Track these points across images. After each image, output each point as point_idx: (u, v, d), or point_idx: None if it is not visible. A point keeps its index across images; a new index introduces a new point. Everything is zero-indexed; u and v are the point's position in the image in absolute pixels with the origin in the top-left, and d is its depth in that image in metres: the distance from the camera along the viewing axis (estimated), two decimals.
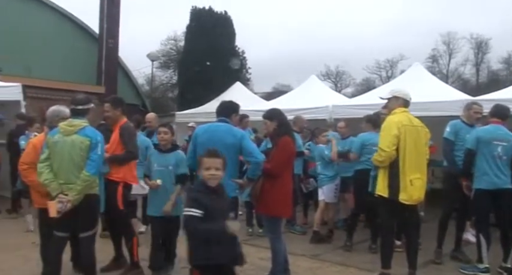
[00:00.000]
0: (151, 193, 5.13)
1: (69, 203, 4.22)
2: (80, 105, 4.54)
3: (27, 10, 18.60)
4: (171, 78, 31.85)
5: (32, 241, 6.03)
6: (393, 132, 4.74)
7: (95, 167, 4.36)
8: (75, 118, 4.50)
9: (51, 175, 4.35)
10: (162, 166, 5.00)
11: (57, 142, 4.40)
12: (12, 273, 5.33)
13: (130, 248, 5.12)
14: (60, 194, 4.26)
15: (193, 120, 12.91)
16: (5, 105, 9.35)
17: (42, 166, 4.40)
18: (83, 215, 4.39)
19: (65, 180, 4.33)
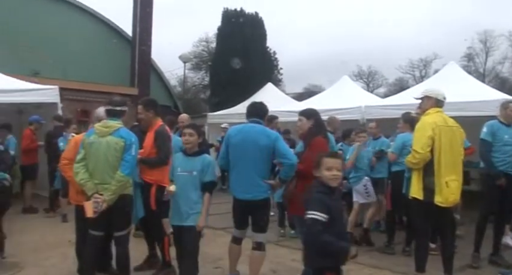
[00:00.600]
0: (171, 200, 4.62)
1: (105, 203, 4.31)
2: (118, 107, 4.62)
3: (64, 15, 19.05)
4: (203, 80, 32.12)
5: (69, 239, 6.17)
6: (428, 134, 4.64)
7: (129, 168, 4.44)
8: (111, 119, 4.58)
9: (86, 175, 4.45)
10: (186, 171, 4.45)
11: (92, 142, 4.49)
12: (51, 270, 5.48)
13: (162, 248, 5.19)
14: (95, 194, 4.35)
15: (225, 121, 12.99)
16: (42, 107, 9.61)
17: (78, 166, 4.50)
18: (117, 214, 4.47)
19: (100, 180, 4.41)
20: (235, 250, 4.89)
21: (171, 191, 4.41)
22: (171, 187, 4.40)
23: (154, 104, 5.40)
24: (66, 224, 7.53)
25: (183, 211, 4.40)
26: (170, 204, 4.60)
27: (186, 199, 4.42)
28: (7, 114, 9.70)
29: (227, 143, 4.87)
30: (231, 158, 4.78)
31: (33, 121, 9.16)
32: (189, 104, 27.12)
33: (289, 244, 6.62)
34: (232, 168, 4.81)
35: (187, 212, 4.38)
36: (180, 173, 4.47)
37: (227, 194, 11.15)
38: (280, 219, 7.44)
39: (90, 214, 4.30)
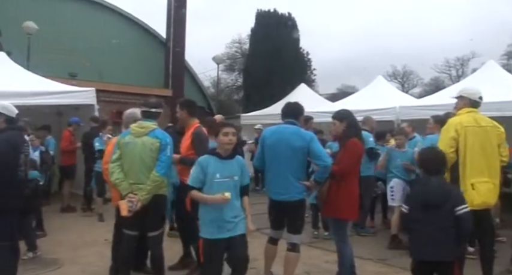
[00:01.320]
0: (206, 211, 4.02)
1: (139, 203, 4.35)
2: (153, 108, 4.68)
3: (100, 19, 19.51)
4: (236, 81, 32.25)
5: (105, 238, 6.30)
6: (450, 135, 4.53)
7: (164, 168, 4.47)
8: (146, 120, 4.63)
9: (121, 175, 4.50)
10: (226, 177, 3.95)
11: (128, 143, 4.55)
12: (88, 268, 5.61)
13: (197, 248, 5.21)
14: (130, 193, 4.40)
15: (258, 122, 13.01)
16: (80, 109, 9.85)
17: (113, 165, 4.57)
18: (151, 214, 4.52)
19: (135, 180, 4.46)
20: (271, 251, 4.88)
21: (227, 199, 3.86)
22: (226, 194, 3.83)
23: (188, 103, 5.39)
24: (103, 223, 7.69)
25: (228, 221, 3.95)
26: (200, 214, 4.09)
27: (231, 207, 3.97)
28: (47, 115, 10.00)
29: (262, 144, 4.87)
30: (266, 159, 4.77)
31: (73, 123, 9.39)
32: (222, 105, 27.28)
33: (323, 246, 6.57)
34: (268, 169, 4.81)
35: (233, 222, 3.98)
36: (220, 180, 3.92)
37: (260, 195, 11.20)
38: (313, 220, 7.39)
39: (125, 213, 4.35)
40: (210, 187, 3.93)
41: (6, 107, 4.59)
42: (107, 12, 20.12)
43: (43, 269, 5.51)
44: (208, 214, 3.98)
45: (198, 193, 3.96)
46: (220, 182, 3.93)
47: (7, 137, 4.45)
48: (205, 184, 3.94)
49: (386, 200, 7.15)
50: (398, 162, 6.76)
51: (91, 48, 18.14)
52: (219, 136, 3.99)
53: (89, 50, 18.08)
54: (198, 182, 3.96)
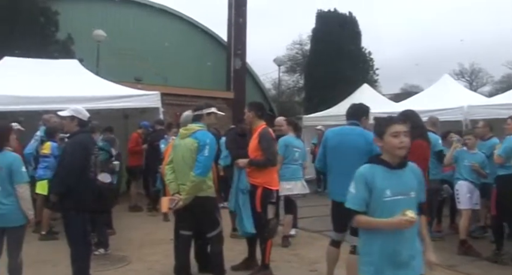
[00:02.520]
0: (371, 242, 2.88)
1: (180, 202, 4.52)
2: (199, 111, 4.83)
3: (164, 24, 20.11)
4: (298, 82, 32.13)
5: (170, 237, 6.46)
6: None
7: (200, 168, 4.53)
8: (193, 123, 4.81)
9: (172, 176, 4.75)
10: (401, 194, 2.81)
11: (176, 145, 4.81)
12: (155, 265, 5.79)
13: (264, 249, 5.24)
14: (176, 193, 4.62)
15: (320, 123, 12.91)
16: (145, 112, 10.18)
17: (167, 167, 4.84)
18: (203, 217, 4.64)
19: (182, 181, 4.65)
20: (334, 254, 4.81)
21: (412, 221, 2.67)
22: (409, 213, 2.66)
23: (257, 105, 5.49)
24: (167, 223, 7.89)
25: (405, 255, 2.79)
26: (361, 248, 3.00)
27: (410, 237, 2.82)
28: (114, 118, 10.40)
29: (324, 145, 4.82)
30: (329, 160, 4.73)
31: (143, 126, 9.69)
32: (283, 106, 27.30)
33: None
34: (330, 170, 4.76)
35: (411, 255, 2.83)
36: (392, 199, 2.78)
37: (323, 197, 11.11)
38: None
39: (165, 209, 4.61)
40: (376, 209, 2.80)
41: (79, 111, 4.83)
42: (170, 17, 20.72)
43: (113, 265, 5.75)
44: (374, 247, 2.84)
45: (366, 218, 2.82)
46: (391, 201, 2.78)
47: (79, 139, 4.71)
48: (369, 204, 2.83)
49: (454, 204, 6.88)
50: (466, 163, 6.48)
51: (155, 53, 18.73)
52: (385, 137, 2.88)
53: (154, 54, 18.68)
54: (362, 203, 2.82)
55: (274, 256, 5.52)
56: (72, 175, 4.55)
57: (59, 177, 4.73)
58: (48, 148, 6.94)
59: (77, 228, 4.63)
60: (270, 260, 5.29)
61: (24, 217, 4.34)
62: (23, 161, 4.53)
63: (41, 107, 8.30)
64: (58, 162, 5.09)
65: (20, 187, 4.29)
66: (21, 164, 4.39)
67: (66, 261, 4.87)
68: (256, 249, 5.51)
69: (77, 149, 4.62)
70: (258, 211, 5.17)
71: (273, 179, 5.33)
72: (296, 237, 7.23)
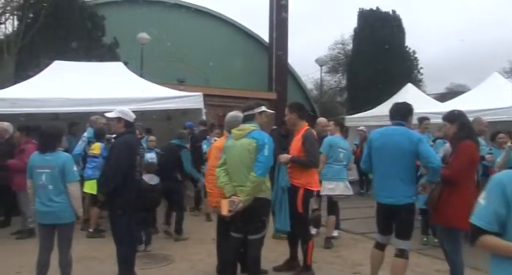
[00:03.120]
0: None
1: (240, 204, 4.40)
2: (250, 110, 4.74)
3: (205, 26, 20.35)
4: (340, 83, 31.81)
5: (213, 237, 6.52)
6: None
7: (262, 168, 4.43)
8: (246, 123, 4.71)
9: (226, 178, 4.59)
10: None
11: (229, 146, 4.67)
12: (198, 265, 5.86)
13: (306, 250, 5.22)
14: (233, 195, 4.48)
15: (363, 124, 12.74)
16: (188, 113, 10.32)
17: (219, 170, 4.69)
18: (252, 218, 4.54)
19: (238, 182, 4.52)
20: (378, 256, 4.73)
21: None
22: None
23: (298, 106, 5.48)
24: (210, 223, 7.97)
25: None
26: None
27: None
28: (157, 119, 10.61)
29: (369, 146, 4.75)
30: (374, 162, 4.65)
31: (188, 127, 9.81)
32: (325, 107, 27.08)
33: (432, 253, 6.24)
34: (375, 172, 4.68)
35: None
36: None
37: (366, 199, 11.00)
38: (423, 226, 7.06)
39: (225, 212, 4.44)
40: None
41: (126, 113, 4.94)
42: (213, 20, 20.96)
43: (156, 263, 5.86)
44: None
45: (495, 241, 2.08)
46: None
47: (125, 140, 4.83)
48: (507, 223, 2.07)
49: None
50: None
51: (198, 55, 18.99)
52: None
53: (196, 56, 18.94)
54: (493, 221, 2.09)
55: (316, 257, 5.49)
56: (119, 175, 4.67)
57: (106, 177, 4.87)
58: (97, 148, 7.15)
59: (123, 227, 4.76)
60: (312, 262, 5.27)
61: (74, 214, 4.50)
62: None
63: (88, 108, 8.57)
64: (105, 162, 5.23)
65: (72, 185, 4.46)
66: (73, 164, 4.56)
67: (112, 258, 5.01)
68: (298, 250, 5.49)
69: (123, 150, 4.74)
70: (299, 212, 5.15)
71: (313, 180, 5.31)
72: (339, 239, 7.16)
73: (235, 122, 4.95)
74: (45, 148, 4.53)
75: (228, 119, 5.19)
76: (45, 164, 4.45)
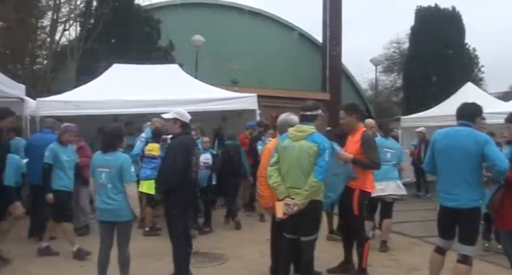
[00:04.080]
0: None
1: (296, 207, 4.35)
2: (309, 111, 4.65)
3: (259, 27, 20.46)
4: (395, 82, 31.15)
5: (266, 238, 6.53)
6: None
7: (322, 173, 4.39)
8: (304, 124, 4.63)
9: (279, 179, 4.53)
10: None
11: (286, 147, 4.57)
12: (251, 265, 5.89)
13: (361, 253, 5.12)
14: (286, 197, 4.43)
15: (419, 124, 12.34)
16: (242, 114, 10.39)
17: (271, 169, 4.61)
18: (306, 220, 4.49)
19: (292, 184, 4.46)
20: (438, 261, 4.56)
21: None
22: None
23: (356, 108, 5.42)
24: (264, 223, 7.99)
25: None
26: None
27: None
28: (212, 120, 10.74)
29: (432, 148, 4.58)
30: (438, 164, 4.48)
31: (249, 127, 9.84)
32: (380, 107, 26.58)
33: (495, 260, 5.96)
34: (440, 174, 4.51)
35: None
36: None
37: (423, 201, 10.68)
38: (485, 231, 6.74)
39: (280, 215, 4.39)
40: None
41: (182, 114, 5.03)
42: (266, 20, 21.05)
43: (210, 262, 5.93)
44: None
45: None
46: None
47: (181, 140, 4.92)
48: None
49: None
50: None
51: (251, 56, 19.11)
52: None
53: (249, 57, 19.07)
54: None
55: (371, 260, 5.38)
56: (174, 175, 4.76)
57: (162, 177, 4.97)
58: (156, 149, 7.33)
59: (179, 226, 4.85)
60: (367, 264, 5.16)
61: (132, 213, 4.63)
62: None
63: (145, 110, 8.82)
64: (161, 162, 5.34)
65: (129, 185, 4.60)
66: (131, 164, 4.71)
67: (168, 256, 5.12)
68: (353, 252, 5.40)
69: (179, 150, 4.83)
70: (355, 214, 5.06)
71: (369, 181, 5.21)
72: (395, 242, 6.98)
73: (287, 124, 4.92)
74: (107, 148, 4.70)
75: (280, 120, 5.15)
76: (105, 163, 4.63)
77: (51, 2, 15.57)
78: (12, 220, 5.97)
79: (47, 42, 15.86)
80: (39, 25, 15.77)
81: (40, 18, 15.71)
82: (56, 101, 8.73)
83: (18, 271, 5.60)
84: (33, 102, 8.82)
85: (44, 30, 15.99)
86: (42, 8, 15.86)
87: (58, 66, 15.47)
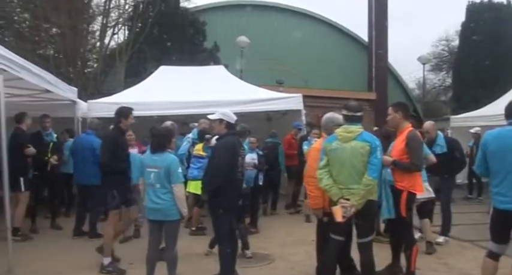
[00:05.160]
0: None
1: (353, 208, 4.30)
2: (358, 112, 4.59)
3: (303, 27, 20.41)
4: (444, 81, 30.29)
5: (312, 239, 6.49)
6: None
7: (376, 171, 4.37)
8: (351, 124, 4.56)
9: (331, 181, 4.48)
10: None
11: (336, 149, 4.50)
12: (297, 266, 5.88)
13: (409, 256, 5.00)
14: (340, 199, 4.38)
15: (470, 124, 11.94)
16: (287, 114, 10.39)
17: (321, 172, 4.55)
18: (362, 220, 4.44)
19: (344, 185, 4.41)
20: (490, 267, 4.38)
21: None
22: None
23: (403, 106, 5.31)
24: (309, 224, 7.94)
25: None
26: None
27: None
28: (257, 121, 10.78)
29: (483, 149, 4.41)
30: (490, 166, 4.31)
31: (295, 126, 9.80)
32: (428, 107, 25.93)
33: None
34: (494, 176, 4.33)
35: None
36: None
37: (474, 204, 10.34)
38: None
39: (339, 218, 4.31)
40: None
41: (227, 114, 5.08)
42: (311, 20, 20.96)
43: (257, 263, 5.95)
44: None
45: None
46: None
47: (227, 141, 4.96)
48: None
49: None
50: None
51: (296, 56, 19.07)
52: None
53: (294, 57, 19.04)
54: None
55: (419, 264, 5.23)
56: (220, 176, 4.80)
57: (209, 177, 5.02)
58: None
59: (225, 226, 4.89)
60: (415, 268, 5.04)
61: (179, 213, 4.71)
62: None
63: (192, 111, 8.97)
64: (208, 162, 5.40)
65: (176, 186, 4.69)
66: (178, 166, 4.80)
67: (214, 256, 5.17)
68: (401, 255, 5.29)
69: (225, 151, 4.87)
70: (403, 216, 4.96)
71: (417, 183, 5.07)
72: (444, 245, 6.79)
73: (332, 123, 4.88)
74: (156, 149, 4.80)
75: (324, 119, 5.10)
76: (153, 164, 4.73)
77: (101, 8, 16.12)
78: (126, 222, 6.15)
79: (97, 46, 16.40)
80: (89, 30, 16.32)
81: (90, 23, 16.26)
82: (105, 103, 9.02)
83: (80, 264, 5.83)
84: (85, 104, 9.17)
85: (94, 35, 16.55)
86: (93, 13, 16.42)
87: (107, 69, 15.99)
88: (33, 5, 15.08)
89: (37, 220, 7.84)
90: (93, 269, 5.66)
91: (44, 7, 14.30)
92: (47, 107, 8.37)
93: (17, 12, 16.06)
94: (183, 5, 17.13)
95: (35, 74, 6.44)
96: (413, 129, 5.12)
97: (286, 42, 19.38)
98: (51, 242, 7.08)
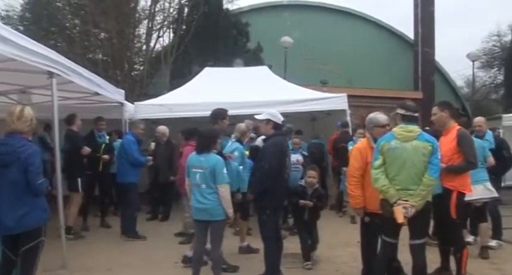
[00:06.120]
0: None
1: (413, 209, 4.21)
2: (416, 113, 4.49)
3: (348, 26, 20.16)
4: (495, 78, 29.21)
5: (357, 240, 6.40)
6: None
7: (437, 171, 4.32)
8: (409, 124, 4.43)
9: (387, 181, 4.35)
10: None
11: (395, 148, 4.36)
12: (342, 267, 5.83)
13: (459, 259, 4.85)
14: (399, 200, 4.27)
15: None
16: (331, 114, 10.29)
17: (377, 172, 4.42)
18: (417, 222, 4.33)
19: (402, 186, 4.30)
20: None
21: None
22: None
23: (449, 105, 5.21)
24: (354, 225, 7.82)
25: None
26: None
27: None
28: (302, 121, 10.75)
29: None
30: None
31: (338, 127, 9.73)
32: (478, 105, 25.04)
33: None
34: None
35: None
36: None
37: None
38: None
39: (401, 219, 4.21)
40: None
41: (274, 115, 5.09)
42: (355, 19, 20.70)
43: (302, 263, 5.90)
44: None
45: None
46: None
47: (275, 141, 4.97)
48: None
49: None
50: None
51: (340, 56, 18.88)
52: None
53: (338, 57, 18.85)
54: None
55: (471, 269, 5.07)
56: (270, 176, 4.82)
57: (257, 178, 5.03)
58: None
59: (270, 226, 4.90)
60: (466, 272, 4.87)
61: (224, 213, 4.75)
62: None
63: (236, 112, 8.98)
64: (255, 163, 5.40)
65: (221, 187, 4.72)
66: (223, 166, 4.82)
67: (259, 255, 5.17)
68: (450, 259, 5.13)
69: (274, 151, 4.88)
70: (453, 218, 4.80)
71: (467, 183, 4.93)
72: (499, 250, 6.53)
73: (372, 124, 4.83)
74: (202, 149, 4.85)
75: (368, 119, 5.01)
76: (199, 164, 4.79)
77: (147, 11, 16.46)
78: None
79: (143, 49, 16.77)
80: (136, 34, 16.71)
81: (136, 27, 16.64)
82: (151, 105, 9.22)
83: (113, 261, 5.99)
84: (132, 106, 9.40)
85: (140, 39, 16.93)
86: (139, 17, 16.80)
87: (153, 71, 16.32)
88: (83, 11, 15.60)
89: (88, 219, 8.13)
90: (141, 266, 5.81)
91: (93, 13, 14.77)
92: (95, 109, 8.65)
93: (68, 19, 16.65)
94: (226, 6, 17.29)
95: (85, 77, 6.66)
96: (462, 127, 5.01)
97: (330, 41, 19.20)
98: (101, 240, 7.32)
